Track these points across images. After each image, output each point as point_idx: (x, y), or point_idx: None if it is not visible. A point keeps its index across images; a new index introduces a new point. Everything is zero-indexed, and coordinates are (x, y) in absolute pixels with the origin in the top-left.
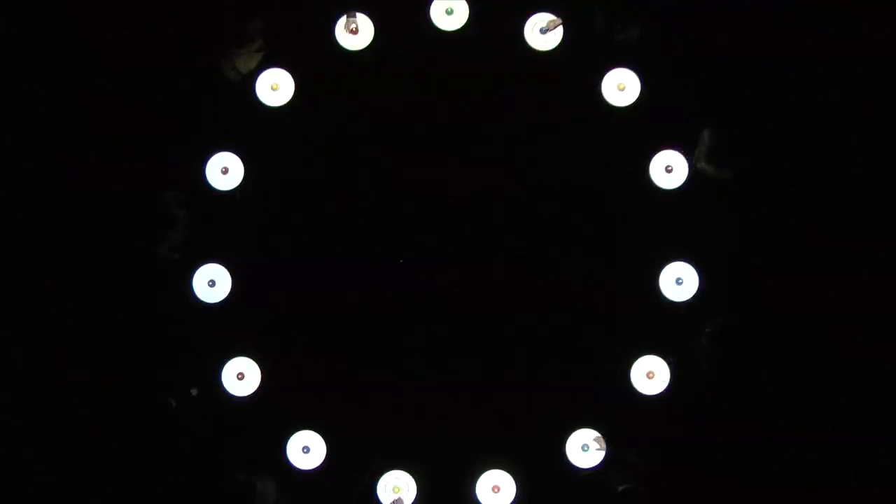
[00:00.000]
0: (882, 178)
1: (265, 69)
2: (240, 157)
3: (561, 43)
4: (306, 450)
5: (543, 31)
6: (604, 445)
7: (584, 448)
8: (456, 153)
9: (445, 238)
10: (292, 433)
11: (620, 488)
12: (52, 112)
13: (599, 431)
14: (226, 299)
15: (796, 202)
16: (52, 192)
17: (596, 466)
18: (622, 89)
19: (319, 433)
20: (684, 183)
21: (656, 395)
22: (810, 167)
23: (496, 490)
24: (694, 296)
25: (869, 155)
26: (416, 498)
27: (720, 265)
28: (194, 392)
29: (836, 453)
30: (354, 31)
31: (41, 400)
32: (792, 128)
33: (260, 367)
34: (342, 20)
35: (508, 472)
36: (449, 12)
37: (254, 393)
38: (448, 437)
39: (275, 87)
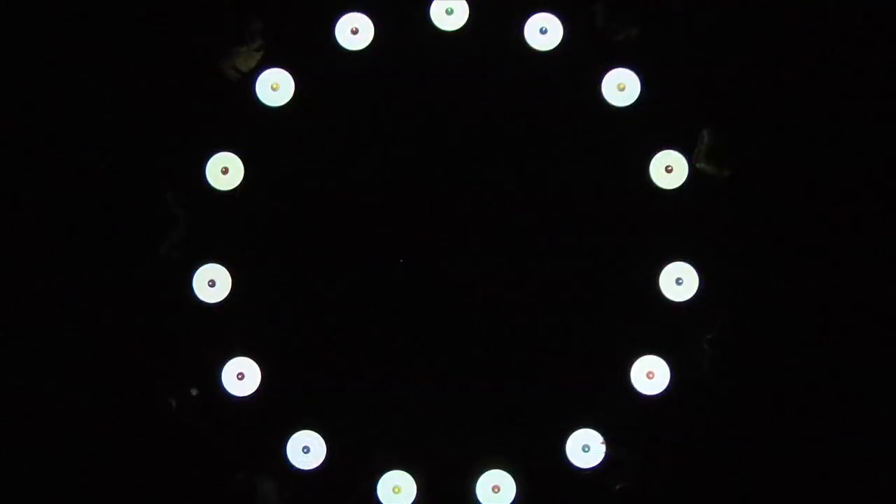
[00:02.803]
0: (882, 177)
1: (265, 69)
2: (240, 157)
3: (561, 43)
4: (306, 450)
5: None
6: (604, 446)
7: (585, 448)
8: (456, 153)
9: (445, 238)
10: (292, 433)
11: (618, 486)
12: (52, 112)
13: (599, 431)
14: (226, 299)
15: (796, 202)
16: (53, 192)
17: (596, 466)
18: (622, 89)
19: (319, 433)
20: (684, 183)
21: (656, 395)
22: (810, 167)
23: (496, 490)
24: (694, 296)
25: (869, 155)
26: (416, 498)
27: (720, 265)
28: (194, 392)
29: (836, 453)
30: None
31: (41, 400)
32: (791, 128)
33: (260, 367)
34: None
35: (508, 472)
36: (449, 12)
37: (254, 393)
38: (448, 437)
39: (275, 87)
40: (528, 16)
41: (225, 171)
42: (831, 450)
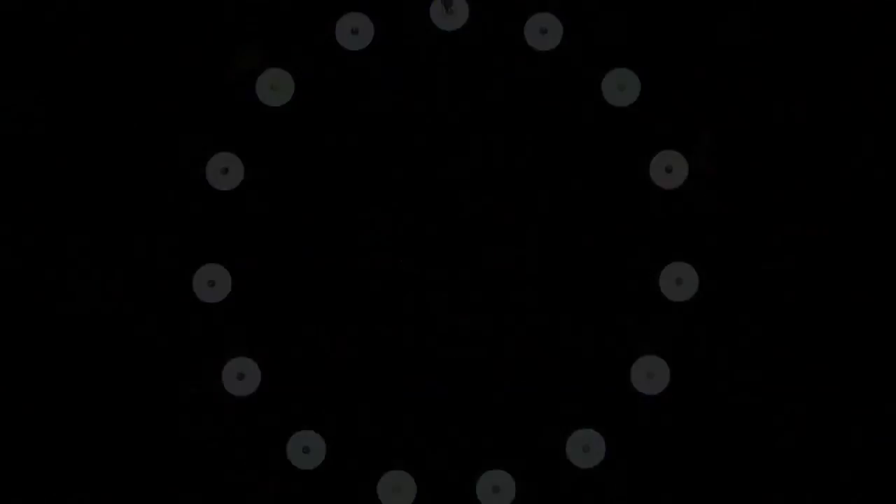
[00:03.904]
0: (883, 178)
1: (265, 69)
2: (240, 157)
3: (561, 43)
4: (306, 450)
5: None
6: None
7: (585, 448)
8: (456, 153)
9: (445, 238)
10: (292, 433)
11: (623, 486)
12: (51, 112)
13: (599, 431)
14: (226, 299)
15: (797, 202)
16: (53, 192)
17: (596, 466)
18: (622, 89)
19: (319, 433)
20: (684, 183)
21: (656, 395)
22: (811, 167)
23: (496, 490)
24: (694, 296)
25: (870, 155)
26: (416, 498)
27: (720, 265)
28: (194, 392)
29: (836, 453)
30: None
31: (40, 400)
32: (792, 128)
33: (260, 367)
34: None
35: (508, 472)
36: (449, 12)
37: (254, 393)
38: (448, 437)
39: (275, 86)
40: (528, 16)
41: (225, 171)
42: (831, 450)
